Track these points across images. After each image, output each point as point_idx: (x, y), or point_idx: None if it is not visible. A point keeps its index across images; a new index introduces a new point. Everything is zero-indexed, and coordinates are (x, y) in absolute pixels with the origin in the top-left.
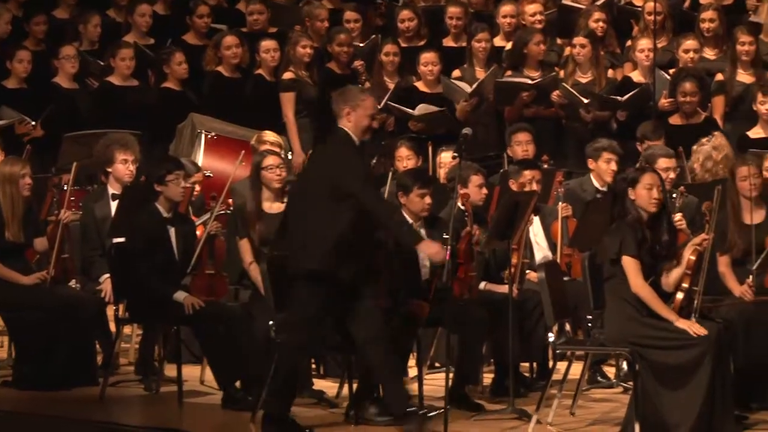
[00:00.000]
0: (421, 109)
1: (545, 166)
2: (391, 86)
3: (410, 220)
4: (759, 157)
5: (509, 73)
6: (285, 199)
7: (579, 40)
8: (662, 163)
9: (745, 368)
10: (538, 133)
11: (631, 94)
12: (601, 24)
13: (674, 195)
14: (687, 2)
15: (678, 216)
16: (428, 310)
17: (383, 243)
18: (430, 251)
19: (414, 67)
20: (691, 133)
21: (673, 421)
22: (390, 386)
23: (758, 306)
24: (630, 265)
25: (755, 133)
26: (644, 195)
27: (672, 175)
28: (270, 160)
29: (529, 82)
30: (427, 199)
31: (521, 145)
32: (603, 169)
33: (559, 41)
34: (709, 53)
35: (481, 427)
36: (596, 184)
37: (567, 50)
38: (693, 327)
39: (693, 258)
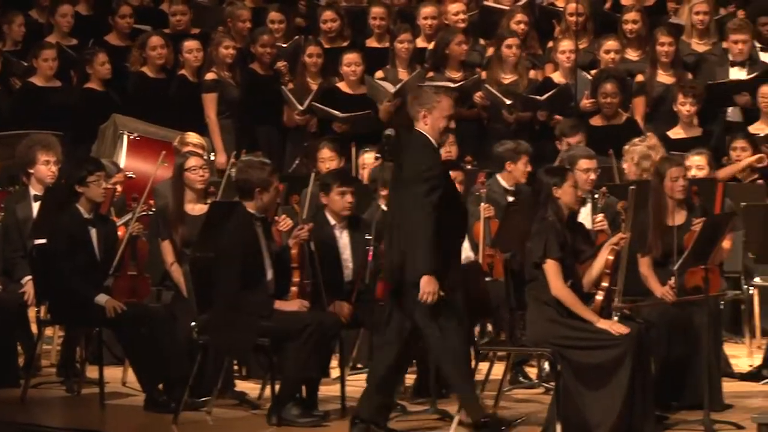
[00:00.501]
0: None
1: (468, 167)
2: (314, 87)
3: (333, 221)
4: (682, 158)
5: (431, 74)
6: (208, 201)
7: (512, 40)
8: (583, 164)
9: (665, 368)
10: (460, 135)
11: (550, 93)
12: (522, 26)
13: (596, 196)
14: (608, 3)
15: (600, 216)
16: (350, 310)
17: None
18: (427, 288)
19: (337, 68)
20: (612, 134)
21: (594, 421)
22: (465, 396)
23: (679, 307)
24: (551, 268)
25: (675, 133)
26: (570, 193)
27: (593, 176)
28: (193, 162)
29: (451, 85)
30: (348, 198)
31: (444, 146)
32: (521, 170)
33: (481, 42)
34: (632, 54)
35: (402, 428)
36: (505, 184)
37: (489, 51)
38: (614, 326)
39: (611, 257)
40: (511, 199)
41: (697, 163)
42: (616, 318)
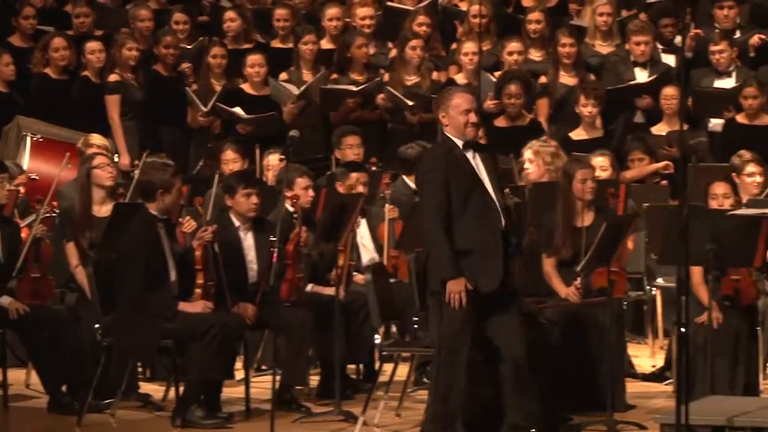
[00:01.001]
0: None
1: (372, 168)
2: (218, 89)
3: (237, 223)
4: (588, 159)
5: (335, 76)
6: (115, 201)
7: (415, 42)
8: None
9: (568, 369)
10: (364, 136)
11: None
12: (424, 27)
13: None
14: (511, 7)
15: None
16: (255, 312)
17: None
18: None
19: (241, 69)
20: (516, 135)
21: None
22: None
23: (584, 308)
24: None
25: (577, 134)
26: None
27: None
28: (99, 159)
29: (354, 89)
30: (253, 199)
31: (352, 149)
32: None
33: (387, 44)
34: (536, 55)
35: (307, 430)
36: (412, 185)
37: (392, 52)
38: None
39: None
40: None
41: (600, 164)
42: None
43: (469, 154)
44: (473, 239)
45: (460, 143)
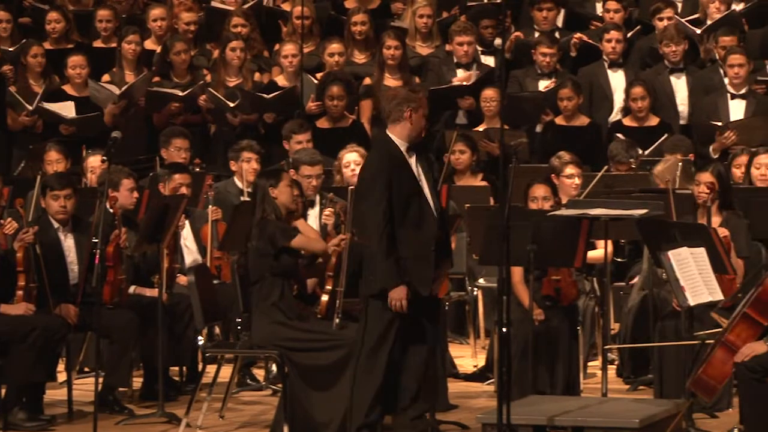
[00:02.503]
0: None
1: (196, 169)
2: (38, 89)
3: (56, 224)
4: None
5: (158, 78)
6: None
7: (236, 43)
8: (305, 170)
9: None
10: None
11: (277, 93)
12: (245, 29)
13: (323, 201)
14: (333, 7)
15: (328, 211)
16: (77, 313)
17: None
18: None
19: (62, 69)
20: (338, 137)
21: (321, 421)
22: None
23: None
24: (301, 241)
25: None
26: (287, 192)
27: (314, 182)
28: None
29: (180, 93)
30: (61, 201)
31: (180, 151)
32: (245, 169)
33: (207, 45)
34: (359, 57)
35: None
36: (240, 185)
37: (215, 53)
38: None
39: (333, 259)
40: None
41: None
42: (337, 320)
43: (412, 159)
44: (410, 246)
45: (403, 146)
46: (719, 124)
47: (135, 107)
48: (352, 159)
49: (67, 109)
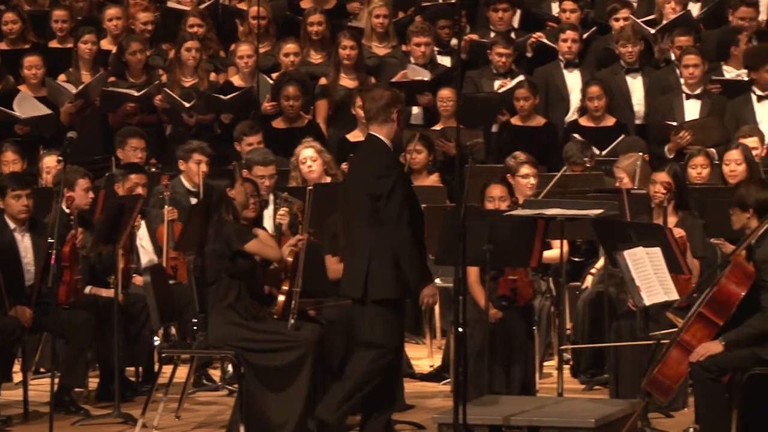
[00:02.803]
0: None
1: (152, 170)
2: None
3: (12, 225)
4: None
5: (113, 78)
6: None
7: (191, 43)
8: (258, 170)
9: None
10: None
11: (234, 94)
12: (201, 29)
13: (277, 200)
14: (289, 7)
15: (282, 210)
16: (32, 314)
17: None
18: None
19: (17, 70)
20: (294, 137)
21: (277, 422)
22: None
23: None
24: (256, 246)
25: (354, 136)
26: (242, 192)
27: (267, 182)
28: None
29: (135, 93)
30: (23, 201)
31: (136, 151)
32: (194, 170)
33: (163, 45)
34: (315, 57)
35: None
36: (187, 185)
37: (171, 54)
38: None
39: (290, 259)
40: (194, 200)
41: None
42: (292, 320)
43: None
44: (413, 245)
45: (392, 147)
46: (674, 124)
47: (91, 107)
48: (308, 155)
49: (28, 107)
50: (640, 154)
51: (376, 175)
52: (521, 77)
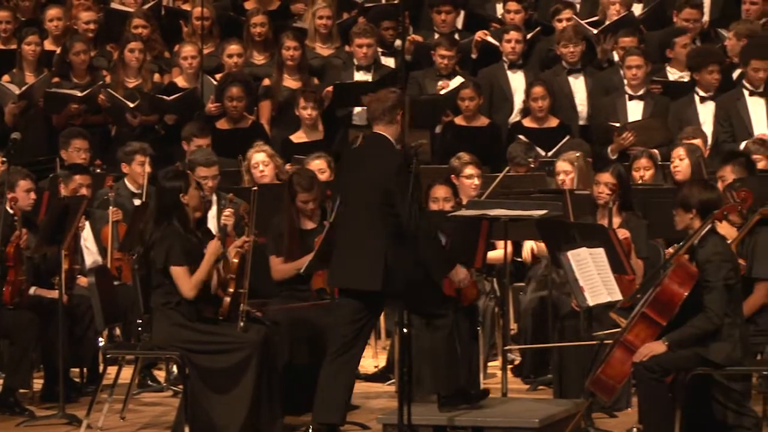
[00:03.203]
0: None
1: (96, 170)
2: None
3: None
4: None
5: (57, 79)
6: None
7: (135, 44)
8: (201, 171)
9: (290, 370)
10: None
11: (178, 95)
12: (145, 30)
13: (222, 201)
14: (233, 8)
15: (228, 212)
16: None
17: None
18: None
19: None
20: (238, 138)
21: (222, 423)
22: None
23: (309, 309)
24: (178, 273)
25: (298, 137)
26: (196, 196)
27: (210, 183)
28: None
29: (78, 94)
30: None
31: (79, 152)
32: (137, 171)
33: (107, 46)
34: (258, 58)
35: None
36: (131, 187)
37: (115, 55)
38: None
39: (236, 261)
40: (137, 202)
41: (318, 167)
42: (241, 323)
43: None
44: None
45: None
46: (617, 125)
47: (35, 108)
48: (260, 159)
49: None
50: (580, 153)
51: (394, 172)
52: (460, 79)
